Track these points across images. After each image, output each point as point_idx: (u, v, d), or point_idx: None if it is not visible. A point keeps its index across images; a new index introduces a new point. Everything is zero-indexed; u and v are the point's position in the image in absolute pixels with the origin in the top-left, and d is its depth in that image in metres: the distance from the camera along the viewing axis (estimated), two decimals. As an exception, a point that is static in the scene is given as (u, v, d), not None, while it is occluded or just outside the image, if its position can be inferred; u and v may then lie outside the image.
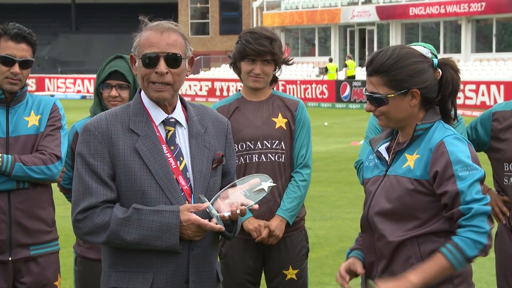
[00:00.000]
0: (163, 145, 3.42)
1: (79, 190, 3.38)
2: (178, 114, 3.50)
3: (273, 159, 4.78)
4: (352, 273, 3.56)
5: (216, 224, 3.33)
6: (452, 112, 3.53)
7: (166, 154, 3.41)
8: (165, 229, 3.31)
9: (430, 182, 3.35)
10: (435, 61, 3.48)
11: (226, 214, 3.35)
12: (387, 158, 3.52)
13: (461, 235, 3.26)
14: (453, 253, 3.25)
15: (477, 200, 3.26)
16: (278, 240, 4.78)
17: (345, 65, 40.95)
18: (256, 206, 3.38)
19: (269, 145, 4.78)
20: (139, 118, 3.44)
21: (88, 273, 4.65)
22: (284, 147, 4.80)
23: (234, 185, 3.44)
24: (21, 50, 4.50)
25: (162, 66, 3.39)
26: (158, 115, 3.46)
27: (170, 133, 3.46)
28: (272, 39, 4.74)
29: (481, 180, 3.33)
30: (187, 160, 3.45)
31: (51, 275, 4.68)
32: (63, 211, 8.15)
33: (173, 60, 3.41)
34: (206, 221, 3.32)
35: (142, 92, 3.50)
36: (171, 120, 3.47)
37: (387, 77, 3.40)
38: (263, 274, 4.96)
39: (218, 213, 3.35)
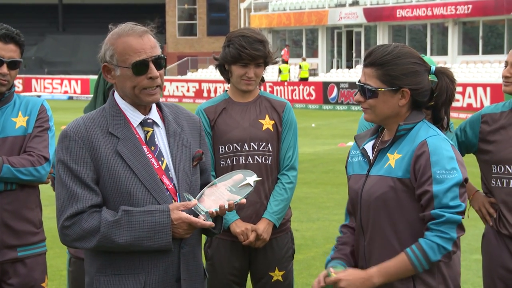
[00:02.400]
0: (143, 146, 3.42)
1: (64, 197, 3.35)
2: (154, 114, 3.51)
3: (260, 161, 4.78)
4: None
5: (205, 221, 3.34)
6: (445, 121, 3.55)
7: (148, 155, 3.41)
8: (157, 229, 3.31)
9: (411, 181, 3.37)
10: (433, 67, 3.51)
11: (214, 210, 3.35)
12: (371, 157, 3.53)
13: (428, 238, 3.30)
14: (417, 256, 3.30)
15: (450, 207, 3.29)
16: (265, 243, 4.79)
17: (300, 67, 40.96)
18: (244, 200, 3.40)
19: (256, 147, 4.78)
20: (117, 121, 3.43)
21: (82, 273, 4.60)
22: (271, 149, 4.81)
23: (214, 184, 3.45)
24: (9, 51, 4.49)
25: (154, 70, 3.38)
26: (135, 117, 3.46)
27: (149, 133, 3.46)
28: (263, 41, 4.75)
29: (460, 184, 3.32)
30: (167, 159, 3.46)
31: (38, 276, 4.67)
32: (50, 212, 8.12)
33: (160, 62, 3.41)
34: (196, 219, 3.33)
35: (116, 95, 3.48)
36: (148, 121, 3.47)
37: (381, 70, 3.43)
38: (249, 275, 4.97)
39: (206, 209, 3.36)
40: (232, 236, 4.78)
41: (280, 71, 40.48)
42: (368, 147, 3.58)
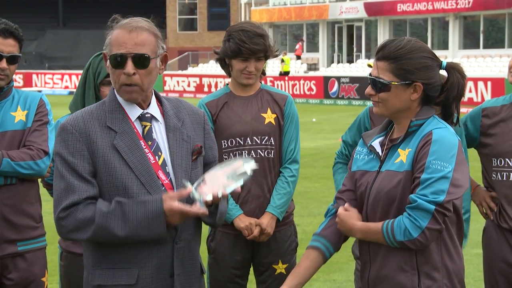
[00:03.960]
0: (140, 141, 3.42)
1: (61, 188, 3.37)
2: (153, 109, 3.50)
3: (262, 155, 4.78)
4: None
5: (199, 208, 3.33)
6: (455, 116, 3.54)
7: (144, 150, 3.41)
8: (151, 217, 3.30)
9: (413, 171, 3.37)
10: (444, 62, 3.51)
11: (208, 197, 3.34)
12: (380, 153, 3.52)
13: (401, 218, 3.33)
14: (388, 230, 3.35)
15: (427, 196, 3.28)
16: (269, 237, 4.79)
17: (282, 60, 40.98)
18: (238, 189, 3.39)
19: (258, 141, 4.78)
20: (115, 115, 3.43)
21: (74, 268, 4.61)
22: (273, 143, 4.80)
23: (215, 170, 3.44)
24: (8, 46, 4.49)
25: (129, 66, 3.36)
26: (133, 111, 3.45)
27: (147, 128, 3.45)
28: (263, 35, 4.74)
29: (451, 182, 3.30)
30: (165, 154, 3.45)
31: (38, 271, 4.66)
32: (50, 207, 8.13)
33: (141, 61, 3.38)
34: (188, 208, 3.31)
35: None
36: (146, 115, 3.47)
37: (395, 64, 3.42)
38: (251, 268, 4.97)
39: (201, 196, 3.35)
40: (235, 230, 4.78)
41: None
42: (376, 144, 3.57)
